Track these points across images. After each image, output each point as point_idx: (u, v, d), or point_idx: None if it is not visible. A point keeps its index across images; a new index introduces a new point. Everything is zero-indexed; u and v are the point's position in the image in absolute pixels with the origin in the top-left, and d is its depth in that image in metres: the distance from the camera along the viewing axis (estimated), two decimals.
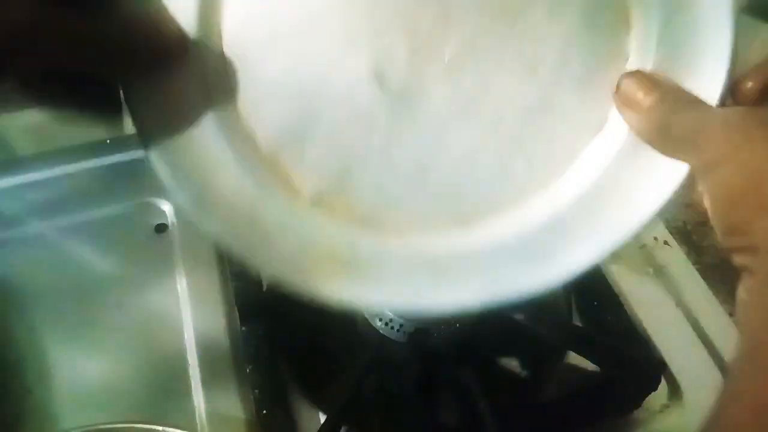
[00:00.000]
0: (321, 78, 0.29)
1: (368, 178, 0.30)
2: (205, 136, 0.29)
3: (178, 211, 0.50)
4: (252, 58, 0.29)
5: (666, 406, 0.43)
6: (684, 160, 0.26)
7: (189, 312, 0.46)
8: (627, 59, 0.29)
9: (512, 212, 0.31)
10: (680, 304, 0.49)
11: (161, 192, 0.34)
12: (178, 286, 0.48)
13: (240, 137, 0.29)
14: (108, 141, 0.54)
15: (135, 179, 0.52)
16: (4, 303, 0.46)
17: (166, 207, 0.52)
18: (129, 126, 0.28)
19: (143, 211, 0.52)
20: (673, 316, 0.48)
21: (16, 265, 0.48)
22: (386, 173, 0.30)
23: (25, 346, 0.45)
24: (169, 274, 0.48)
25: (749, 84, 0.26)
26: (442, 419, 0.42)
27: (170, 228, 0.52)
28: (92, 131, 0.53)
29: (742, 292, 0.24)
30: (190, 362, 0.44)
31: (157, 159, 0.28)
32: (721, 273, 0.50)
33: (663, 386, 0.43)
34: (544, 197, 0.31)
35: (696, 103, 0.27)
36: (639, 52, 0.29)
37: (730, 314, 0.47)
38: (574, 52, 0.30)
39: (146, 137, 0.28)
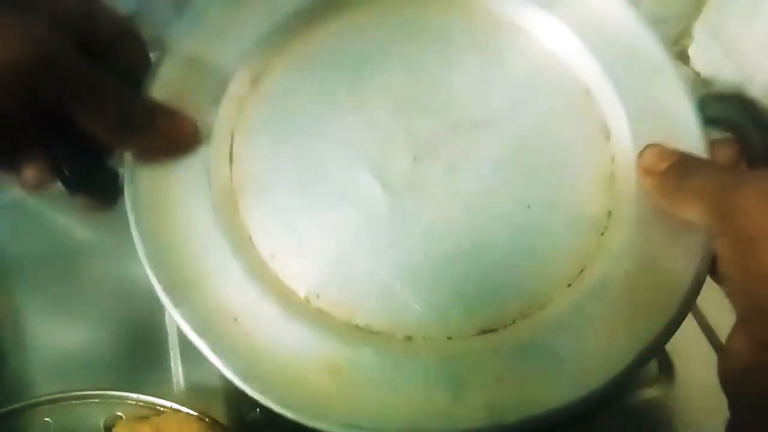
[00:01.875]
0: (322, 180, 0.32)
1: (370, 280, 0.30)
2: (201, 235, 0.30)
3: None
4: (256, 158, 0.33)
5: (657, 379, 0.43)
6: (691, 214, 0.28)
7: None
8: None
9: (532, 312, 0.30)
10: None
11: None
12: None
13: (239, 238, 0.31)
14: None
15: None
16: None
17: None
18: None
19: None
20: None
21: None
22: (389, 274, 0.30)
23: (0, 314, 0.44)
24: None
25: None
26: None
27: None
28: None
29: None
30: (168, 332, 0.43)
31: (154, 271, 0.29)
32: None
33: (653, 360, 0.42)
34: (562, 292, 0.30)
35: (708, 163, 0.31)
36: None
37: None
38: (566, 158, 0.34)
39: (142, 238, 0.30)
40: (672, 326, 0.29)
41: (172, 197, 0.31)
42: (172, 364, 0.42)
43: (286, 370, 0.28)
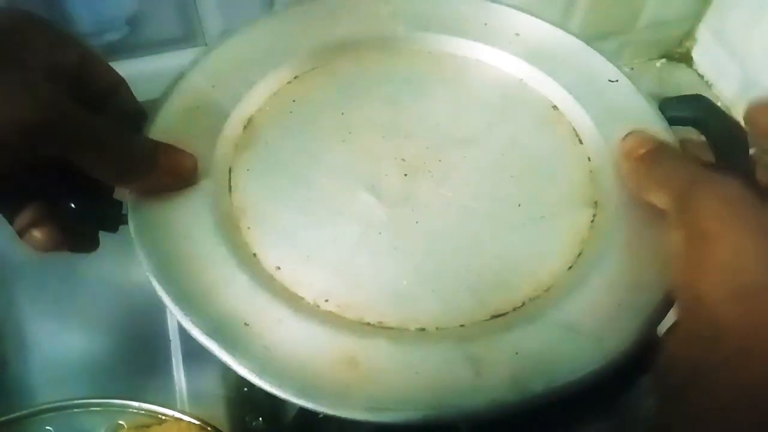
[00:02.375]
0: (320, 201, 0.34)
1: (376, 282, 0.31)
2: (205, 252, 0.31)
3: None
4: (254, 187, 0.35)
5: None
6: (658, 202, 0.29)
7: None
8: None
9: (538, 294, 0.31)
10: None
11: None
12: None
13: (243, 254, 0.32)
14: None
15: None
16: None
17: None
18: None
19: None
20: None
21: None
22: (395, 274, 0.32)
23: (1, 321, 0.43)
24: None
25: None
26: None
27: None
28: None
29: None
30: (171, 340, 0.43)
31: (160, 283, 0.30)
32: None
33: None
34: (565, 274, 0.32)
35: (681, 155, 0.33)
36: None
37: None
38: (545, 162, 0.37)
39: (147, 255, 0.30)
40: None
41: (174, 221, 0.32)
42: (174, 373, 0.41)
43: (302, 365, 0.27)
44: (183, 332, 0.43)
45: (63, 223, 0.31)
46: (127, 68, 0.55)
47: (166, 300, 0.29)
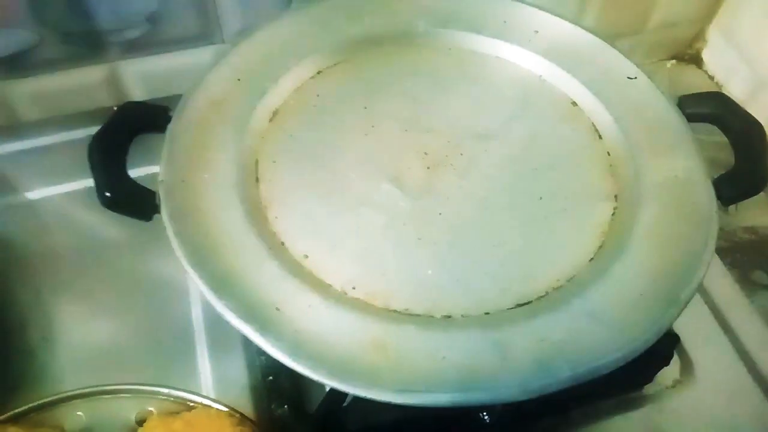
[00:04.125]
0: (344, 191, 0.35)
1: (401, 271, 0.32)
2: (236, 241, 0.32)
3: None
4: (280, 178, 0.35)
5: (678, 382, 0.43)
6: None
7: (194, 286, 0.46)
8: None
9: (561, 284, 0.32)
10: None
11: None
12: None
13: (272, 243, 0.32)
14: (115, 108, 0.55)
15: (142, 148, 0.52)
16: (9, 266, 0.46)
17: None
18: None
19: (150, 179, 0.52)
20: None
21: (22, 229, 0.48)
22: (419, 264, 0.32)
23: (29, 309, 0.44)
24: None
25: None
26: None
27: None
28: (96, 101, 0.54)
29: None
30: (196, 329, 0.44)
31: (194, 269, 0.30)
32: (731, 255, 0.51)
33: (675, 361, 0.43)
34: (586, 266, 0.33)
35: None
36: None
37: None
38: (565, 157, 0.38)
39: (184, 252, 0.31)
40: (694, 281, 0.30)
41: (204, 210, 0.32)
42: (199, 362, 0.42)
43: (333, 348, 0.28)
44: (207, 323, 0.44)
45: None
46: (146, 65, 0.57)
47: (200, 285, 0.29)
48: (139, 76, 0.57)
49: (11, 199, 0.50)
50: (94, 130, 0.54)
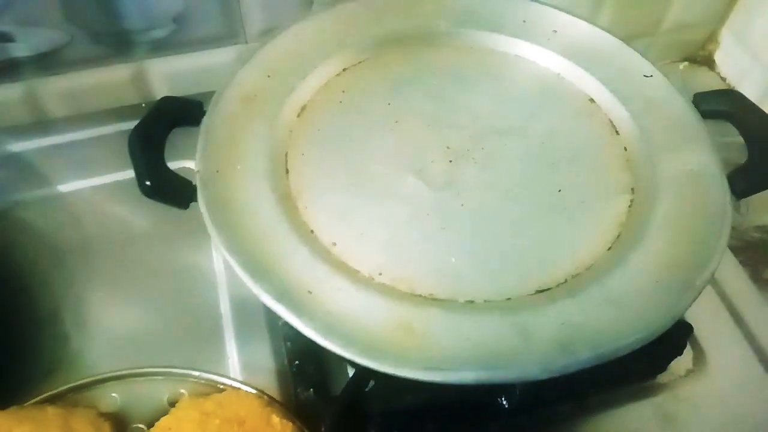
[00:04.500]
0: (371, 183, 0.36)
1: (426, 259, 0.33)
2: (268, 229, 0.33)
3: None
4: (309, 170, 0.37)
5: (691, 371, 0.44)
6: None
7: (223, 271, 0.47)
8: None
9: (580, 271, 0.33)
10: None
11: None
12: (213, 247, 0.49)
13: (302, 231, 0.34)
14: (143, 105, 0.57)
15: (172, 144, 0.54)
16: (43, 256, 0.48)
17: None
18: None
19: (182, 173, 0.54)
20: None
21: (55, 220, 0.50)
22: (443, 252, 0.34)
23: (62, 297, 0.46)
24: (204, 236, 0.49)
25: None
26: None
27: None
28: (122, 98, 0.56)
29: None
30: (223, 316, 0.45)
31: (231, 254, 0.32)
32: (743, 254, 0.52)
33: (688, 351, 0.44)
34: (605, 254, 0.34)
35: None
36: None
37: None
38: (584, 151, 0.39)
39: (222, 238, 0.32)
40: (708, 269, 0.32)
41: (239, 199, 0.34)
42: (226, 348, 0.43)
43: (363, 329, 0.29)
44: (234, 311, 0.45)
45: None
46: (171, 64, 0.59)
47: (238, 270, 0.31)
48: (164, 75, 0.59)
49: (44, 192, 0.52)
50: (120, 126, 0.57)
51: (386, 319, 0.30)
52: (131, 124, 0.55)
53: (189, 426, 0.34)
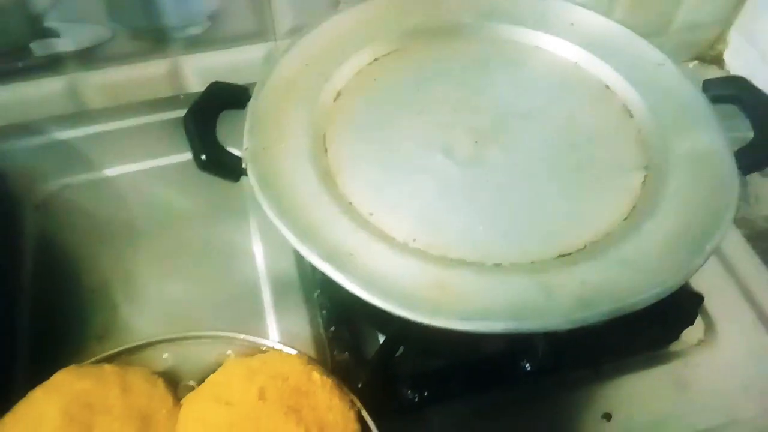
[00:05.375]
0: (403, 161, 0.39)
1: (455, 227, 0.36)
2: (311, 200, 0.36)
3: None
4: (346, 148, 0.40)
5: (702, 341, 0.47)
6: None
7: (260, 247, 0.51)
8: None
9: (598, 238, 0.36)
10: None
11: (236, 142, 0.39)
12: (251, 226, 0.52)
13: (341, 202, 0.37)
14: (181, 97, 0.60)
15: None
16: (92, 234, 0.51)
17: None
18: None
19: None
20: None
21: (103, 201, 0.53)
22: (471, 221, 0.37)
23: (111, 271, 0.49)
24: (242, 216, 0.53)
25: None
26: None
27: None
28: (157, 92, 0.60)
29: None
30: (262, 289, 0.48)
31: (280, 220, 0.35)
32: (752, 242, 0.55)
33: (699, 322, 0.46)
34: (621, 224, 0.37)
35: None
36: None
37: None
38: (601, 134, 0.42)
39: (271, 206, 0.35)
40: (717, 235, 0.34)
41: (284, 174, 0.37)
42: (266, 317, 0.46)
43: (400, 286, 0.32)
44: (272, 284, 0.48)
45: None
46: (204, 60, 0.62)
47: (286, 233, 0.34)
48: (198, 70, 0.62)
49: (92, 176, 0.55)
50: (157, 117, 0.61)
51: (421, 279, 0.33)
52: (168, 115, 0.60)
53: (237, 381, 0.37)
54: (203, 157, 0.36)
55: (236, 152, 0.38)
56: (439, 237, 0.36)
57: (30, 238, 0.50)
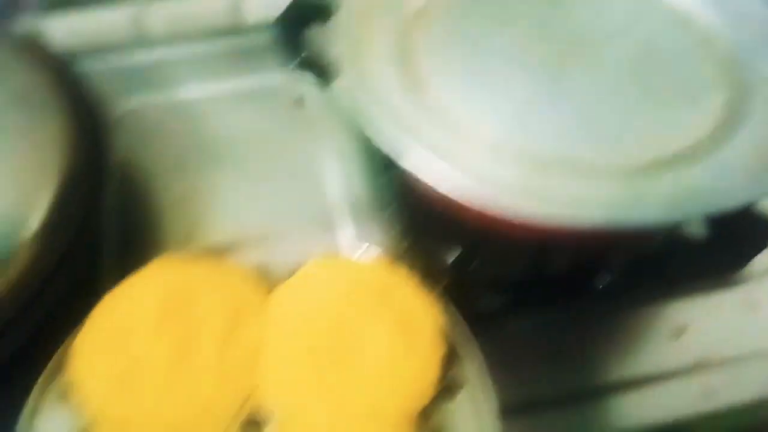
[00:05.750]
0: (490, 73, 0.40)
1: (544, 133, 0.37)
2: (401, 104, 0.38)
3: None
4: (431, 48, 0.41)
5: None
6: None
7: (335, 168, 0.52)
8: None
9: (684, 154, 0.36)
10: None
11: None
12: (320, 151, 0.54)
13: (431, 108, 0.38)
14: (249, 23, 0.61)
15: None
16: (169, 153, 0.53)
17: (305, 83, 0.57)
18: None
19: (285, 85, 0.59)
20: None
21: (180, 121, 0.56)
22: (560, 127, 0.37)
23: (190, 184, 0.52)
24: (310, 139, 0.54)
25: None
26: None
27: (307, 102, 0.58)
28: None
29: None
30: (337, 206, 0.50)
31: (373, 121, 0.36)
32: None
33: None
34: (710, 140, 0.36)
35: None
36: None
37: None
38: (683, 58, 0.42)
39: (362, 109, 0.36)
40: None
41: (373, 80, 0.39)
42: (342, 232, 0.49)
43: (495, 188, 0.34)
44: (347, 200, 0.50)
45: None
46: None
47: (379, 133, 0.35)
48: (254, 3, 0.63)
49: (168, 96, 0.58)
50: (218, 45, 0.62)
51: (513, 180, 0.34)
52: (231, 43, 0.61)
53: (324, 276, 0.38)
54: (304, 54, 0.37)
55: None
56: (529, 142, 0.36)
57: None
